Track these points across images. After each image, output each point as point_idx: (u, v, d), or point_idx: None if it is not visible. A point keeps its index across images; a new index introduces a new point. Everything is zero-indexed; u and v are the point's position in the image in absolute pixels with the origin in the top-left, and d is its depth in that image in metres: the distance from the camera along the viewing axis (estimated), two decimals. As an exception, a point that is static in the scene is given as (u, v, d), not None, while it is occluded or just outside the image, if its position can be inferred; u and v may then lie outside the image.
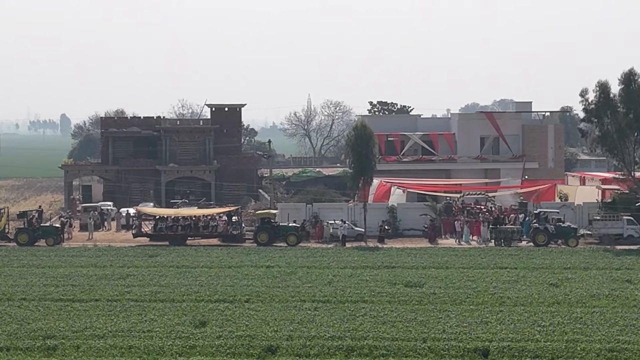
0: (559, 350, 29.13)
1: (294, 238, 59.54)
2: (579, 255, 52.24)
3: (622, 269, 47.05)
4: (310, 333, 31.48)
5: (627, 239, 59.19)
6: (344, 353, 29.17)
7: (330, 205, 66.67)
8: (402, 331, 31.83)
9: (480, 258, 51.20)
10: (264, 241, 59.53)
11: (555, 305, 36.90)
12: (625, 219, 59.68)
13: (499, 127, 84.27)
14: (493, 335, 31.07)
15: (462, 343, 29.97)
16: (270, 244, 59.34)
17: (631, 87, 58.82)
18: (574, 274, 44.91)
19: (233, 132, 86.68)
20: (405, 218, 64.62)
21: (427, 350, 29.26)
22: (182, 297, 38.94)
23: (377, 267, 48.11)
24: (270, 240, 59.67)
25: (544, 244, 57.74)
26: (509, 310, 35.66)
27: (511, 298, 38.44)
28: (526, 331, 31.70)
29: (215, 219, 63.22)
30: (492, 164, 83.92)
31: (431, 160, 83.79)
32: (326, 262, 50.07)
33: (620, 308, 35.98)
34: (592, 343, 29.91)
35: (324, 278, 43.89)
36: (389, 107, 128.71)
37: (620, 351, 28.95)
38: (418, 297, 38.64)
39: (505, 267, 47.87)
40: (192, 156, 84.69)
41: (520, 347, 29.40)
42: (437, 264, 49.01)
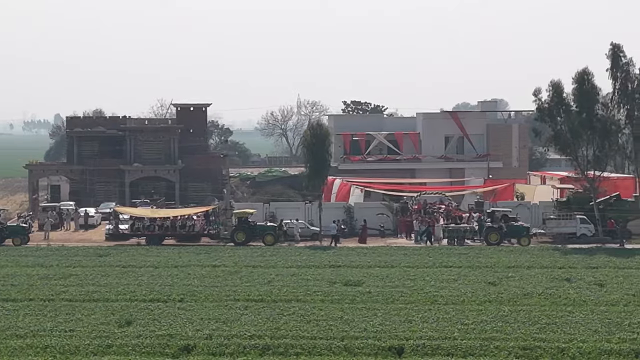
0: (473, 347, 29.22)
1: (271, 237, 59.62)
2: (527, 254, 52.39)
3: (565, 267, 47.22)
4: (231, 332, 31.50)
5: (580, 237, 59.39)
6: (259, 352, 29.20)
7: (287, 205, 66.75)
8: (324, 330, 31.88)
9: (428, 257, 51.30)
10: (241, 240, 59.59)
11: (485, 303, 37.00)
12: (579, 218, 59.89)
13: (464, 126, 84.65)
14: (412, 333, 31.13)
15: (379, 341, 30.01)
16: (247, 243, 59.37)
17: (584, 86, 58.99)
18: (515, 273, 45.05)
19: (199, 131, 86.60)
20: (362, 217, 64.63)
21: (342, 348, 29.30)
22: (116, 296, 38.90)
23: (322, 266, 48.16)
24: (248, 240, 59.70)
25: (496, 242, 57.90)
26: (437, 308, 35.74)
27: (444, 297, 38.52)
28: (447, 329, 31.78)
29: (192, 218, 63.46)
30: (456, 163, 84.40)
31: (396, 160, 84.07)
32: (274, 261, 50.13)
33: (548, 307, 36.08)
34: (508, 341, 30.01)
35: (265, 277, 43.91)
36: (363, 106, 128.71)
37: (533, 349, 29.04)
38: (352, 296, 38.69)
39: (450, 265, 47.97)
40: (157, 156, 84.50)
41: (435, 345, 29.48)
42: (384, 263, 49.08)
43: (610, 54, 59.74)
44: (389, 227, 64.33)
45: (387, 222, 64.35)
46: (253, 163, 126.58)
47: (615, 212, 60.66)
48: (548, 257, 51.19)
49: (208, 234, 62.61)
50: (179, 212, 65.89)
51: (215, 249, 56.39)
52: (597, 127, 59.13)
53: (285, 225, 61.77)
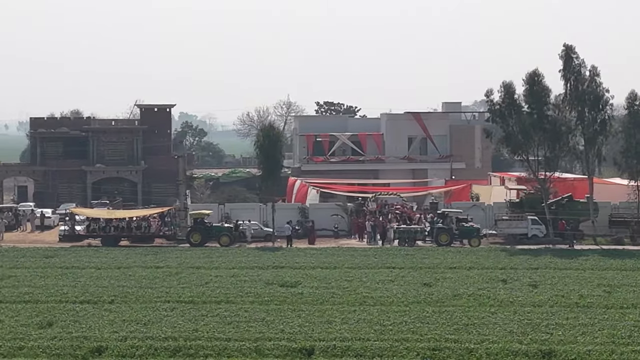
0: (383, 349, 29.26)
1: (226, 238, 59.63)
2: (473, 255, 52.54)
3: (506, 268, 47.32)
4: (148, 334, 31.44)
5: (531, 238, 59.56)
6: (169, 354, 29.18)
7: (242, 206, 66.77)
8: (242, 331, 31.86)
9: (374, 258, 51.38)
10: (197, 241, 59.55)
11: (412, 304, 37.00)
12: (530, 219, 60.07)
13: (427, 127, 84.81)
14: (328, 334, 31.16)
15: (292, 343, 30.02)
16: (203, 244, 59.35)
17: (535, 87, 59.14)
18: (454, 274, 45.16)
19: (163, 132, 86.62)
20: (317, 218, 64.73)
21: (252, 350, 29.29)
22: (47, 298, 38.79)
23: (265, 267, 48.16)
24: (204, 241, 59.68)
25: (446, 243, 58.02)
26: (363, 309, 35.75)
27: (374, 298, 38.57)
28: (364, 330, 31.80)
29: (148, 220, 63.43)
30: (419, 164, 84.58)
31: (359, 161, 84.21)
32: (218, 262, 50.14)
33: (474, 307, 36.13)
34: (420, 342, 30.06)
35: (204, 278, 43.90)
36: (336, 107, 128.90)
37: (442, 350, 29.09)
38: (283, 297, 38.71)
39: (393, 267, 48.03)
40: (120, 157, 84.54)
41: (346, 346, 29.51)
42: (327, 264, 49.12)
43: (562, 55, 59.85)
44: (344, 228, 64.39)
45: (341, 223, 64.42)
46: (227, 164, 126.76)
47: (567, 213, 60.85)
48: (493, 258, 51.33)
49: (163, 235, 62.67)
50: (135, 213, 65.96)
51: (165, 250, 56.34)
52: (547, 128, 59.27)
53: (240, 226, 61.81)
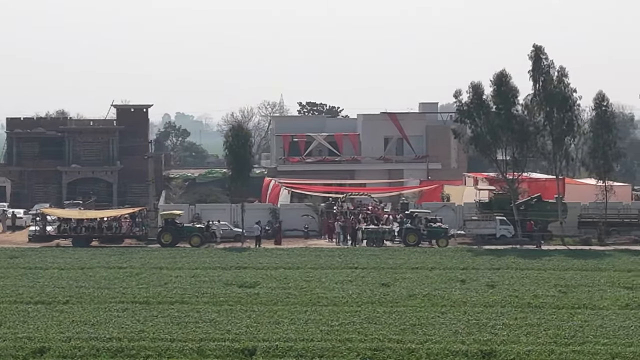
0: (325, 349, 29.28)
1: (197, 239, 59.64)
2: (438, 256, 52.61)
3: (468, 268, 47.42)
4: (93, 334, 31.42)
5: (499, 239, 59.64)
6: (111, 354, 29.15)
7: (213, 206, 66.74)
8: (188, 332, 31.84)
9: (339, 258, 51.43)
10: (167, 242, 59.53)
11: (366, 304, 37.05)
12: (498, 219, 60.15)
13: (403, 128, 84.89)
14: (273, 335, 31.19)
15: (235, 343, 30.04)
16: (174, 244, 59.33)
17: (502, 88, 59.27)
18: (414, 274, 45.21)
19: (139, 132, 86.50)
20: (288, 219, 64.76)
21: (194, 350, 29.27)
22: (1, 299, 38.76)
23: (228, 267, 48.17)
24: (175, 241, 59.65)
25: (414, 244, 58.08)
26: (314, 310, 35.76)
27: (329, 298, 38.60)
28: (310, 331, 31.84)
29: (119, 220, 63.39)
30: (395, 164, 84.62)
31: (335, 161, 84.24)
32: (182, 263, 50.13)
33: (424, 308, 36.18)
34: (362, 342, 30.09)
35: (164, 279, 43.90)
36: (318, 107, 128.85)
37: (384, 350, 29.13)
38: (238, 298, 38.72)
39: (356, 267, 48.08)
40: (96, 157, 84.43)
41: (288, 346, 29.53)
42: (290, 264, 49.16)
43: (532, 56, 59.96)
44: (314, 228, 64.43)
45: (311, 223, 64.46)
46: (209, 164, 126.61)
47: (536, 214, 60.97)
48: (457, 259, 51.39)
49: (134, 235, 62.63)
50: (106, 213, 65.85)
51: (132, 251, 56.32)
52: (515, 129, 59.40)
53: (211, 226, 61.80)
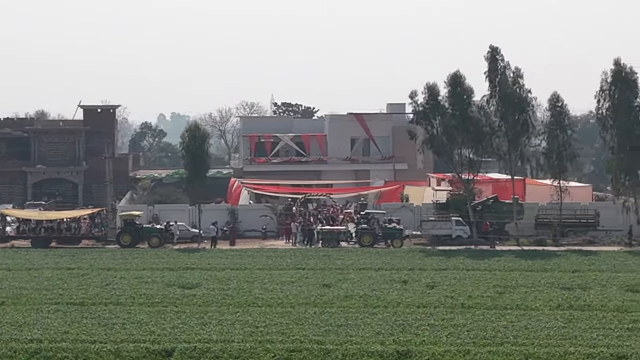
0: (242, 350, 29.35)
1: (156, 240, 59.64)
2: (389, 256, 52.61)
3: (414, 269, 47.40)
4: (15, 336, 31.39)
5: (455, 239, 59.75)
6: (28, 356, 29.15)
7: (171, 207, 66.66)
8: (112, 333, 31.84)
9: (289, 259, 51.42)
10: (126, 243, 59.50)
11: (299, 305, 37.05)
12: (454, 220, 60.25)
13: (369, 128, 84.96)
14: (195, 336, 31.19)
15: (154, 344, 30.05)
16: (133, 245, 59.30)
17: (457, 89, 59.39)
18: (359, 275, 45.23)
19: (107, 133, 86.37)
20: (246, 219, 64.80)
21: (111, 352, 29.26)
22: (-64, 300, 38.72)
23: (175, 268, 48.14)
24: (134, 242, 59.62)
25: (369, 244, 58.12)
26: (245, 311, 35.77)
27: (265, 299, 38.60)
28: (233, 332, 31.86)
29: (78, 221, 63.32)
30: (362, 165, 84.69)
31: (301, 162, 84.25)
32: (132, 264, 50.10)
33: (356, 309, 36.23)
34: (282, 343, 30.13)
35: (108, 280, 43.88)
36: (293, 108, 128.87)
37: (301, 351, 29.20)
38: (174, 299, 38.70)
39: (303, 267, 48.08)
40: (62, 157, 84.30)
41: (206, 347, 29.58)
42: (239, 265, 49.19)
43: (488, 57, 60.08)
44: (273, 229, 64.45)
45: (270, 224, 64.48)
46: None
47: (493, 214, 61.12)
48: (407, 259, 51.40)
49: (93, 236, 62.57)
50: (65, 214, 65.73)
51: (86, 252, 56.25)
52: (470, 129, 59.52)
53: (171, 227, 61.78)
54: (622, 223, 61.38)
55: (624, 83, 58.72)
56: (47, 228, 62.41)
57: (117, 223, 63.18)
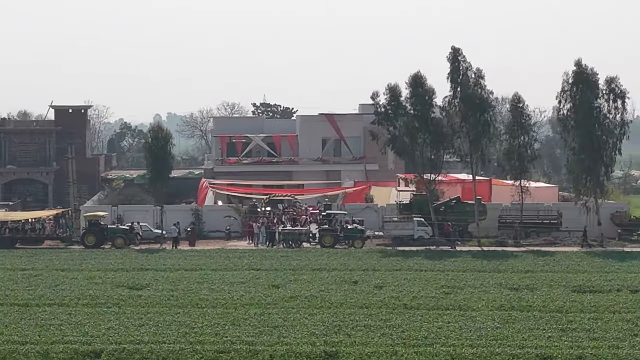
0: (171, 351, 29.33)
1: (120, 240, 59.61)
2: (348, 257, 52.60)
3: (368, 270, 47.46)
4: (-52, 337, 31.39)
5: (417, 240, 59.79)
6: (-48, 358, 29.16)
7: (135, 208, 66.58)
8: (46, 334, 31.79)
9: (246, 260, 51.42)
10: (91, 243, 59.43)
11: (243, 306, 37.07)
12: (416, 221, 60.29)
13: (340, 129, 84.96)
14: (127, 337, 31.18)
15: (85, 346, 30.02)
16: (98, 246, 59.25)
17: (419, 90, 59.48)
18: (312, 275, 45.24)
19: (78, 133, 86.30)
20: (211, 220, 64.80)
21: (40, 353, 29.17)
22: None
23: (129, 269, 48.17)
24: (99, 243, 59.57)
25: (330, 245, 58.12)
26: (185, 312, 35.79)
27: (210, 300, 38.61)
28: (167, 333, 31.88)
29: (43, 221, 63.25)
30: (333, 165, 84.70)
31: (272, 162, 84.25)
32: (87, 264, 50.09)
33: (297, 309, 36.23)
34: (213, 344, 30.14)
35: (59, 281, 43.89)
36: (272, 108, 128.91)
37: (229, 352, 29.23)
38: (120, 300, 38.68)
39: (258, 268, 48.12)
40: (33, 158, 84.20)
41: (135, 349, 29.57)
42: (194, 266, 49.20)
43: (450, 58, 60.14)
44: (237, 229, 64.43)
45: (234, 224, 64.48)
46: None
47: (456, 215, 61.19)
48: (364, 260, 51.40)
49: (58, 237, 62.54)
50: (30, 215, 65.73)
51: (48, 252, 56.28)
52: (432, 130, 59.61)
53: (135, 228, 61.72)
54: (586, 223, 61.52)
55: (585, 84, 58.77)
56: (11, 229, 62.37)
57: (81, 224, 63.06)
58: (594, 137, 58.63)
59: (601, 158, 58.75)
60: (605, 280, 43.31)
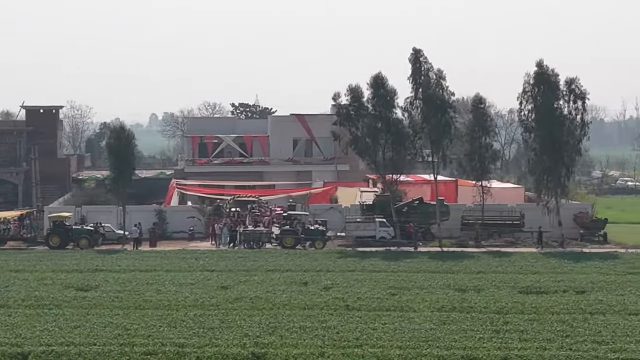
0: (99, 353, 29.22)
1: (85, 241, 59.53)
2: (305, 258, 52.61)
3: (322, 271, 47.39)
4: None
5: (379, 240, 59.85)
6: None
7: (99, 208, 66.44)
8: (-21, 336, 31.77)
9: (202, 261, 51.34)
10: (55, 244, 59.34)
11: (186, 308, 36.94)
12: (378, 221, 60.37)
13: (311, 129, 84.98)
14: (57, 339, 31.05)
15: (14, 348, 29.93)
16: (63, 247, 59.17)
17: (380, 91, 59.54)
18: (263, 276, 45.22)
19: (49, 134, 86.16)
20: (175, 220, 64.77)
21: (-37, 355, 29.22)
22: None
23: (83, 270, 48.04)
24: (63, 244, 59.49)
25: (291, 246, 58.13)
26: (125, 313, 35.63)
27: (154, 301, 38.49)
28: (99, 334, 31.81)
29: (7, 222, 63.13)
30: (304, 166, 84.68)
31: (243, 163, 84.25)
32: (42, 265, 49.92)
33: (240, 311, 36.12)
34: (142, 346, 30.01)
35: (9, 282, 43.80)
36: (251, 108, 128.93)
37: (157, 353, 29.17)
38: (64, 301, 38.55)
39: (213, 269, 48.06)
40: (3, 158, 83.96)
41: (63, 351, 29.47)
42: (149, 267, 49.14)
43: (411, 59, 60.19)
44: (201, 230, 64.38)
45: (198, 225, 64.44)
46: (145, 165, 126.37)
47: (419, 215, 61.27)
48: (321, 261, 51.35)
49: (22, 237, 62.41)
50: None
51: (6, 253, 56.09)
52: (393, 131, 59.68)
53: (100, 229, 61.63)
54: (549, 224, 61.70)
55: (546, 85, 58.89)
56: None
57: (45, 224, 62.97)
58: (555, 137, 58.73)
59: (562, 159, 58.85)
60: (555, 281, 43.42)
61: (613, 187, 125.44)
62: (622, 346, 29.74)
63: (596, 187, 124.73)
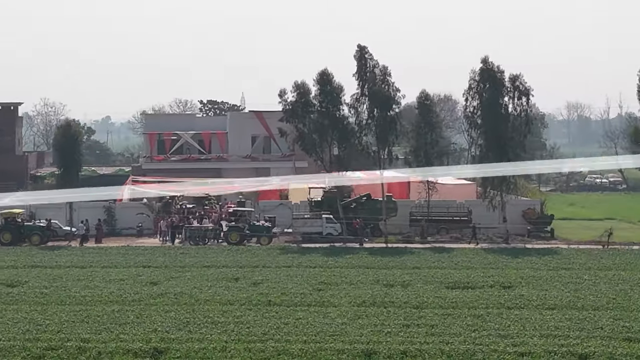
0: (2, 349, 29.21)
1: (37, 238, 59.33)
2: (246, 254, 52.53)
3: (258, 267, 47.41)
4: None
5: (326, 236, 59.91)
6: None
7: (48, 205, 66.14)
8: None
9: (142, 257, 51.23)
10: (7, 241, 59.09)
11: (108, 303, 36.93)
12: (325, 218, 60.45)
13: (269, 126, 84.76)
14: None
15: None
16: (15, 243, 58.95)
17: (327, 87, 59.57)
18: (197, 272, 45.23)
19: (7, 130, 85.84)
20: (124, 217, 64.65)
21: None
22: None
23: (19, 267, 47.93)
24: (15, 240, 59.25)
25: (236, 242, 58.12)
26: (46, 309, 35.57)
27: (78, 297, 38.47)
28: (8, 330, 31.75)
29: None
30: (262, 162, 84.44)
31: (201, 159, 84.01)
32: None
33: (159, 307, 36.08)
34: (46, 342, 29.95)
35: (-61, 278, 43.65)
36: (219, 105, 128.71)
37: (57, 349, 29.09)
38: (-13, 297, 38.56)
39: (149, 265, 48.04)
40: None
41: (10, 346, 29.55)
42: (85, 263, 49.08)
43: (357, 56, 60.22)
44: (150, 226, 64.27)
45: (146, 221, 64.34)
46: (114, 162, 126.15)
47: (367, 212, 61.38)
48: (260, 257, 51.33)
49: None
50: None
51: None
52: (339, 127, 59.72)
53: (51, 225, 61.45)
54: (498, 220, 61.93)
55: (491, 81, 59.07)
56: None
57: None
58: (500, 134, 58.91)
59: (506, 155, 59.00)
60: (485, 276, 43.56)
61: (581, 184, 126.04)
62: (525, 340, 29.86)
63: (564, 183, 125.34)
